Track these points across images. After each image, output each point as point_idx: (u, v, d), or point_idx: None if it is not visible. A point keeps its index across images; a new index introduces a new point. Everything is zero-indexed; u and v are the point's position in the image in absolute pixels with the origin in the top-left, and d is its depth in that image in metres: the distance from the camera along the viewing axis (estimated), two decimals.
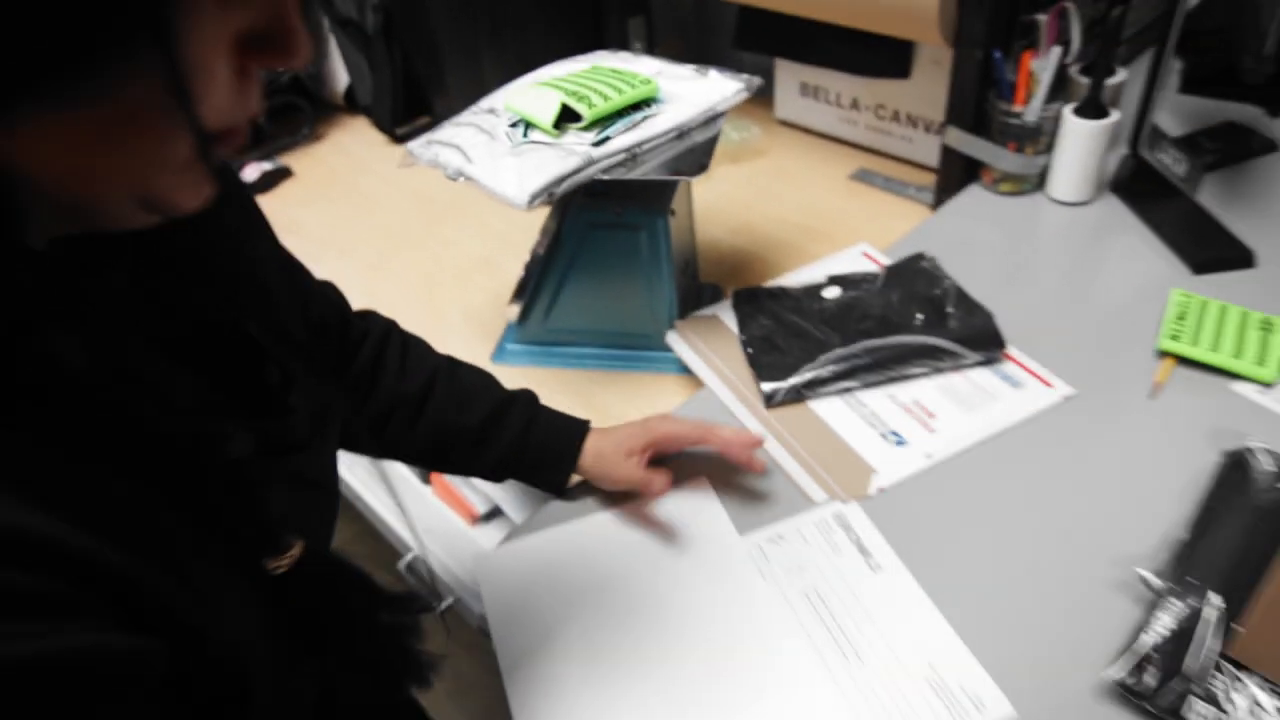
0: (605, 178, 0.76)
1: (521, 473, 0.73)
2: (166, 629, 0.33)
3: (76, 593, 0.30)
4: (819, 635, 0.62)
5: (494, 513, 0.93)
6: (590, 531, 0.73)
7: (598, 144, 0.77)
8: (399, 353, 0.69)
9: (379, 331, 0.70)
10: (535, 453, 0.72)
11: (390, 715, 0.63)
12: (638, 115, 0.79)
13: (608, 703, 0.60)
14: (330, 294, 0.68)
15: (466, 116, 0.85)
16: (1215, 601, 0.56)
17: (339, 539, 0.55)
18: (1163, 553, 0.61)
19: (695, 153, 0.81)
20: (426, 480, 1.04)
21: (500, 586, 0.70)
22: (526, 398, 0.74)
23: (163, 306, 0.40)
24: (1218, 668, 0.54)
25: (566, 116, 0.78)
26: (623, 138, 0.77)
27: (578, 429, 0.73)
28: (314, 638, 0.44)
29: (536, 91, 0.81)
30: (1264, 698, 0.53)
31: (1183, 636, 0.56)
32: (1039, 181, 1.03)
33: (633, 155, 0.77)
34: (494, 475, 0.74)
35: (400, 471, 0.99)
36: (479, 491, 0.96)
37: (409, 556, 0.95)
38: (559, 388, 0.91)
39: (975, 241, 0.99)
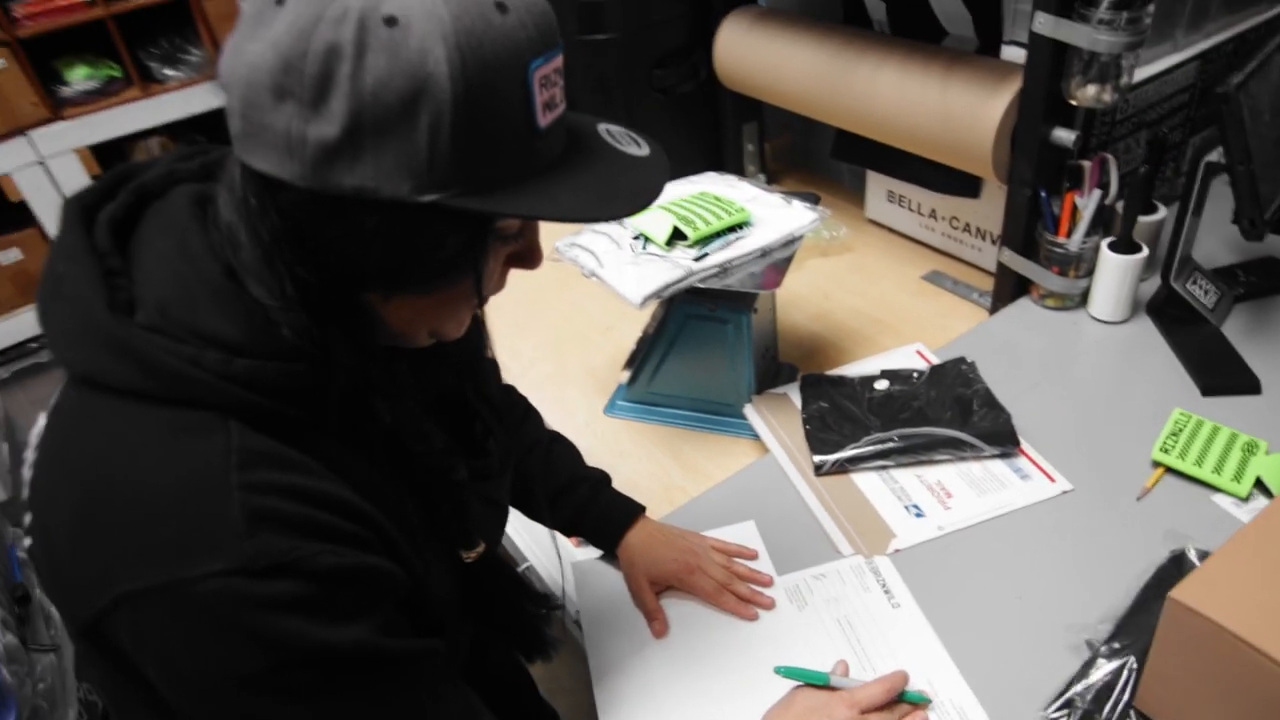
0: (701, 286, 0.98)
1: (583, 534, 0.95)
2: (406, 571, 0.57)
3: (366, 533, 0.54)
4: (845, 653, 0.82)
5: None
6: None
7: (698, 258, 0.99)
8: (519, 420, 0.93)
9: (510, 402, 0.94)
10: (590, 524, 0.93)
11: (515, 680, 0.88)
12: (732, 236, 1.02)
13: (676, 699, 0.81)
14: (497, 367, 0.93)
15: (603, 226, 1.10)
16: (1132, 663, 0.73)
17: None
18: (1105, 624, 0.78)
19: (775, 267, 1.02)
20: None
21: (591, 593, 0.92)
22: (597, 478, 0.94)
23: (425, 383, 0.66)
24: (1129, 716, 0.71)
25: (676, 235, 1.02)
26: (718, 255, 1.00)
27: (625, 519, 0.91)
28: (481, 609, 0.69)
29: (655, 213, 1.05)
30: None
31: (1106, 689, 0.73)
32: (1081, 299, 1.19)
33: (724, 269, 0.99)
34: (563, 530, 0.96)
35: None
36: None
37: (524, 566, 1.19)
38: (656, 440, 1.14)
39: (1017, 347, 1.16)
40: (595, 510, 0.92)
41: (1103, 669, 0.74)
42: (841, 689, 0.74)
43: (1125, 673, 0.73)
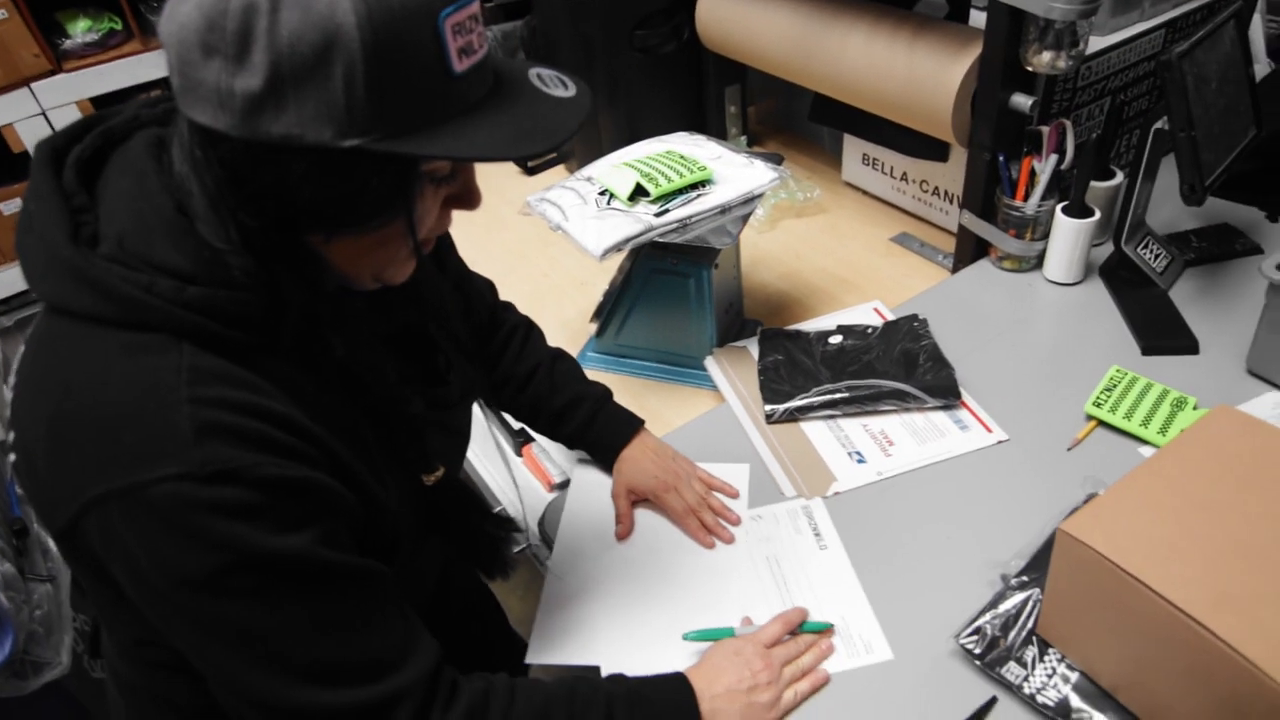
0: (661, 240, 1.03)
1: (585, 448, 1.01)
2: (359, 494, 0.62)
3: (312, 452, 0.59)
4: (769, 586, 0.87)
5: (565, 483, 1.21)
6: None
7: (659, 214, 1.04)
8: (521, 342, 0.99)
9: (511, 324, 1.00)
10: (592, 439, 0.99)
11: (484, 611, 0.95)
12: (693, 193, 1.06)
13: (605, 604, 0.87)
14: (486, 292, 0.98)
15: (571, 181, 1.14)
16: (1037, 595, 0.78)
17: None
18: (1019, 559, 0.83)
19: (733, 223, 1.06)
20: (519, 453, 1.34)
21: (564, 527, 0.98)
22: (599, 393, 1.00)
23: (384, 317, 0.70)
24: (1031, 642, 0.76)
25: (640, 191, 1.06)
26: (678, 210, 1.04)
27: (625, 432, 0.99)
28: (442, 530, 0.75)
29: (620, 169, 1.08)
30: (1059, 667, 0.75)
31: (1013, 618, 0.78)
32: (1037, 262, 1.22)
33: (684, 224, 1.03)
34: (568, 445, 1.02)
35: (504, 447, 1.28)
36: (556, 465, 1.25)
37: (498, 508, 1.24)
38: (622, 389, 1.18)
39: (973, 306, 1.20)
40: (596, 426, 0.98)
41: (1011, 599, 0.79)
42: (745, 635, 0.80)
43: (1030, 603, 0.78)
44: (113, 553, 0.56)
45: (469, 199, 0.63)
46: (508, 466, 1.14)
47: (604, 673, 0.80)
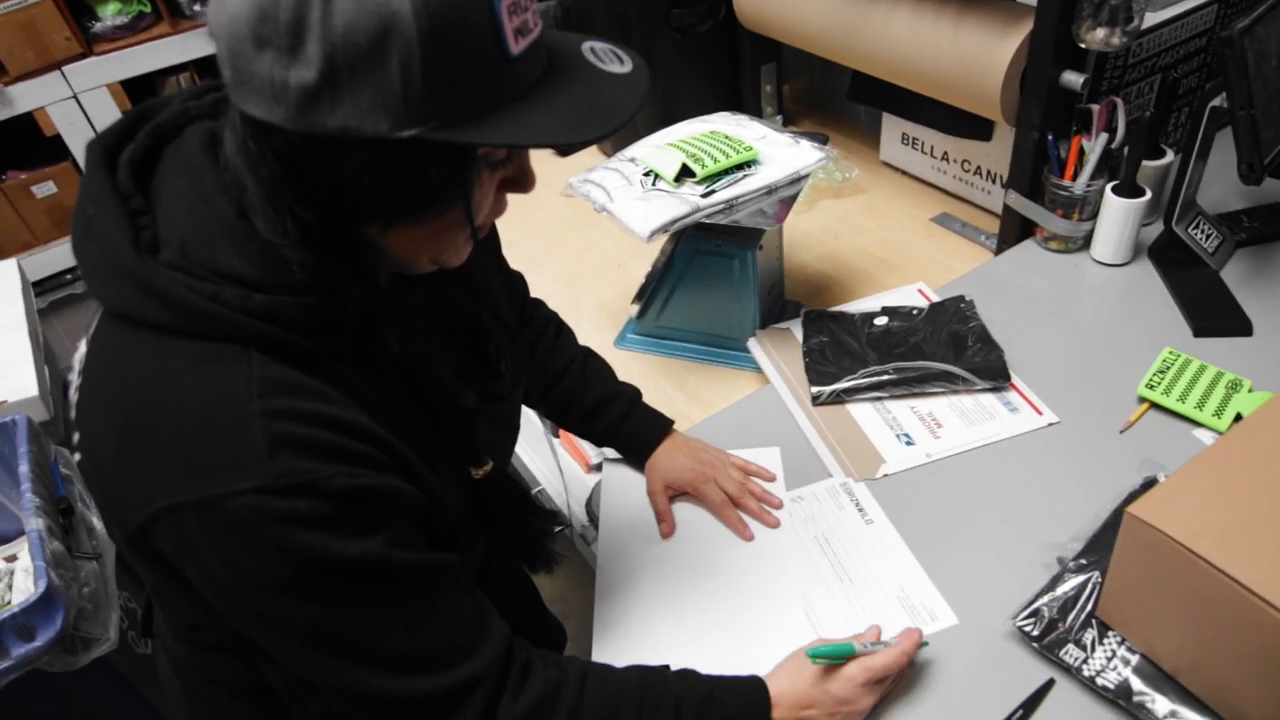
0: (707, 221, 1.02)
1: (616, 446, 1.01)
2: (421, 491, 0.63)
3: (380, 456, 0.59)
4: (823, 566, 0.87)
5: (602, 465, 1.21)
6: None
7: (705, 195, 1.03)
8: (553, 338, 0.98)
9: (542, 319, 0.99)
10: (624, 439, 0.99)
11: (522, 592, 0.95)
12: (739, 174, 1.05)
13: (657, 585, 0.87)
14: (518, 284, 0.97)
15: (614, 162, 1.13)
16: (1096, 578, 0.78)
17: None
18: (1076, 542, 0.82)
19: (782, 204, 1.06)
20: (556, 434, 1.34)
21: (609, 513, 0.98)
22: (631, 394, 0.99)
23: (439, 306, 0.70)
24: (1091, 624, 0.76)
25: (685, 172, 1.05)
26: (725, 191, 1.03)
27: (657, 434, 0.97)
28: (488, 523, 0.75)
29: (665, 150, 1.08)
30: (1119, 649, 0.75)
31: (1071, 601, 0.78)
32: (1084, 242, 1.21)
33: (730, 205, 1.03)
34: (597, 443, 1.02)
35: (539, 427, 1.29)
36: (594, 446, 1.25)
37: (536, 489, 1.25)
38: (663, 371, 1.18)
39: (1019, 287, 1.18)
40: (629, 426, 0.97)
41: (1070, 582, 0.79)
42: (863, 654, 0.74)
43: (1090, 586, 0.78)
44: (186, 558, 0.57)
45: (524, 182, 0.61)
46: (552, 449, 1.14)
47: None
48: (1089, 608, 0.77)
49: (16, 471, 1.31)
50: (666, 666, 0.73)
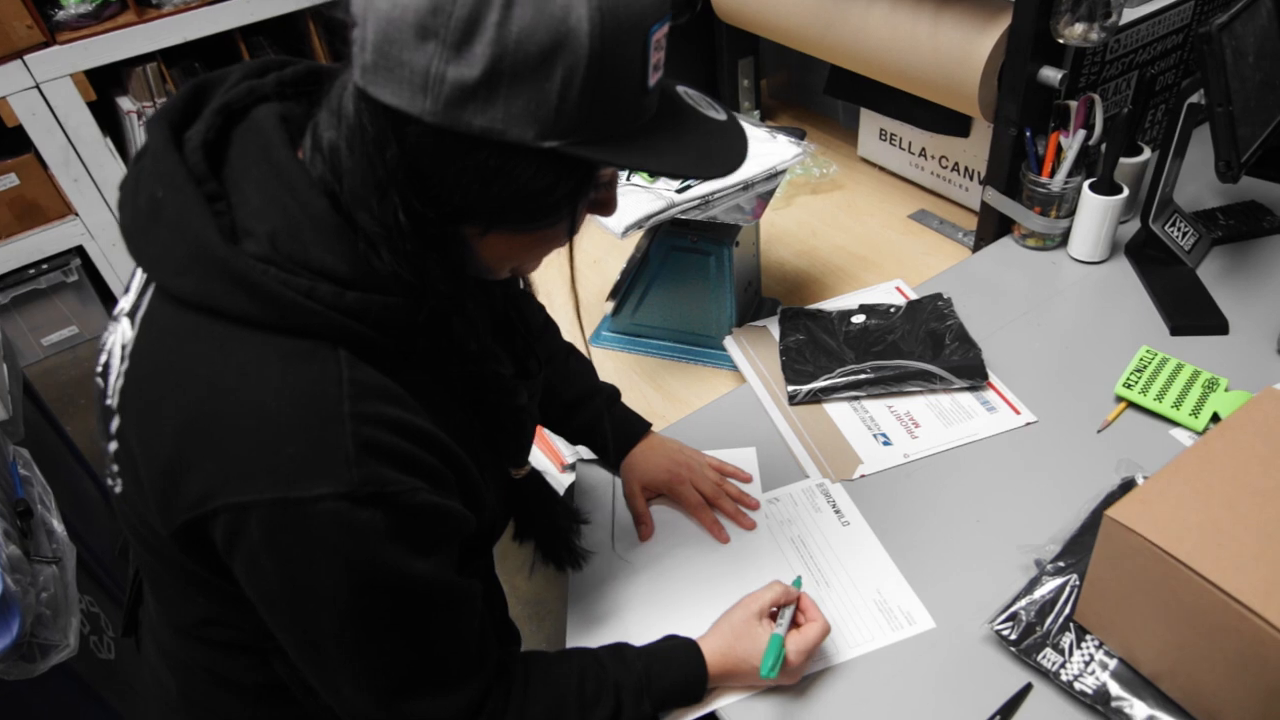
0: (683, 217, 1.00)
1: (591, 445, 0.99)
2: (470, 496, 0.62)
3: (445, 470, 0.58)
4: (799, 568, 0.86)
5: (576, 465, 1.19)
6: None
7: (681, 190, 1.01)
8: (540, 332, 0.96)
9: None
10: (600, 438, 0.97)
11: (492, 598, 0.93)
12: None
13: (633, 586, 0.85)
14: (532, 285, 0.96)
15: None
16: (1074, 581, 0.77)
17: None
18: (1054, 545, 0.81)
19: (758, 200, 1.04)
20: None
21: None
22: (610, 393, 0.98)
23: (489, 305, 0.69)
24: (1068, 628, 0.75)
25: None
26: (700, 187, 1.01)
27: (634, 435, 0.96)
28: (524, 524, 0.76)
29: None
30: (1098, 654, 0.74)
31: (1049, 604, 0.77)
32: (1061, 240, 1.20)
33: (705, 201, 1.01)
34: (572, 440, 1.00)
35: None
36: (569, 445, 1.22)
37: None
38: (639, 369, 1.16)
39: (996, 285, 1.18)
40: (606, 425, 0.96)
41: (1047, 585, 0.78)
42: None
43: (1068, 589, 0.77)
44: (237, 555, 0.55)
45: (609, 204, 0.63)
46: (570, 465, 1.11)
47: None
48: (1067, 611, 0.76)
49: None
50: (604, 647, 0.73)
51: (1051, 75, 1.07)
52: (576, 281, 0.79)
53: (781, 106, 1.74)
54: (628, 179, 1.04)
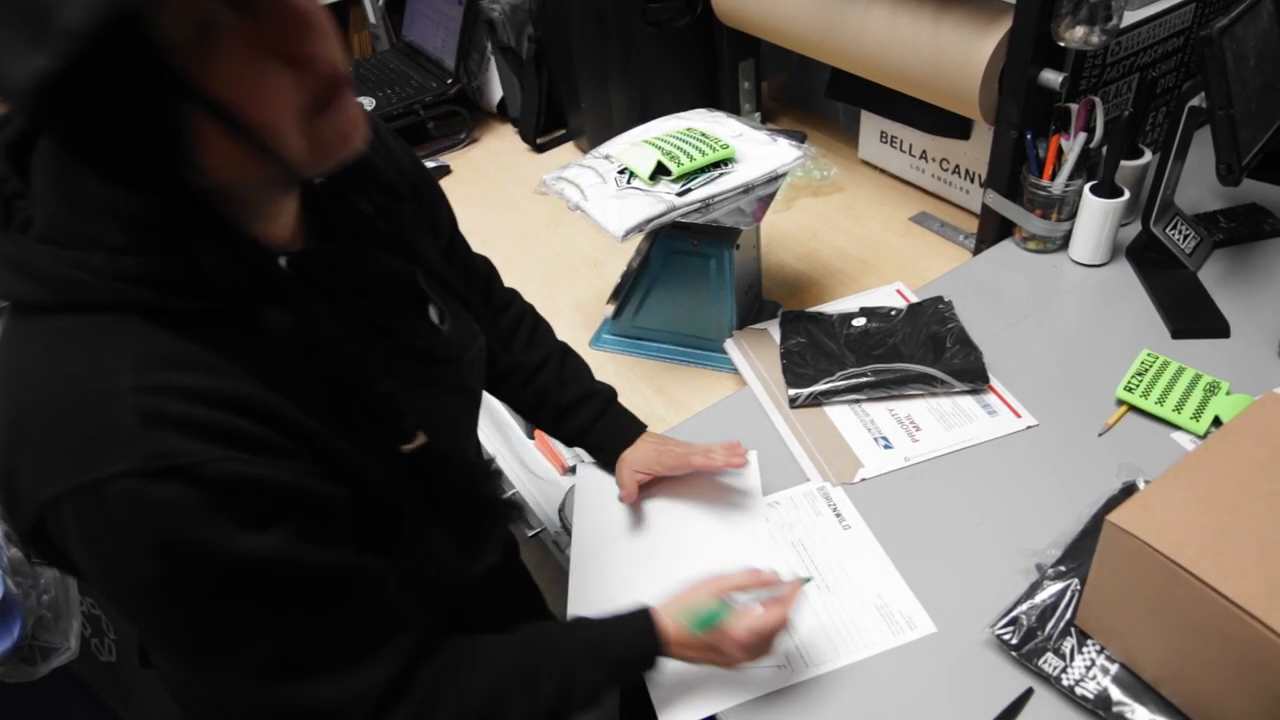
0: (684, 220, 1.00)
1: (587, 447, 0.98)
2: (347, 474, 0.57)
3: (281, 439, 0.52)
4: (800, 572, 0.86)
5: (576, 469, 1.19)
6: None
7: (681, 193, 1.01)
8: (529, 330, 0.96)
9: (519, 309, 0.96)
10: (596, 438, 0.96)
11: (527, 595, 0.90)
12: (715, 172, 1.03)
13: (634, 597, 0.85)
14: (482, 265, 0.94)
15: (589, 159, 1.11)
16: (1075, 585, 0.76)
17: None
18: (1055, 549, 0.81)
19: (759, 203, 1.04)
20: (531, 435, 1.31)
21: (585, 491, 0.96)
22: (606, 394, 0.97)
23: (358, 269, 0.64)
24: (1070, 633, 0.75)
25: (661, 170, 1.03)
26: (701, 190, 1.01)
27: (630, 435, 0.95)
28: (431, 504, 0.67)
29: (641, 147, 1.06)
30: (1099, 658, 0.74)
31: (1050, 608, 0.77)
32: (1062, 242, 1.20)
33: (707, 204, 1.01)
34: (566, 442, 1.00)
35: (514, 430, 1.26)
36: (568, 448, 1.22)
37: (510, 492, 1.22)
38: (639, 372, 1.16)
39: (997, 288, 1.17)
40: (603, 424, 0.95)
41: (1048, 590, 0.78)
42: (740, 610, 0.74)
43: (1069, 594, 0.77)
44: (71, 553, 0.52)
45: (290, 39, 0.48)
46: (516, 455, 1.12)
47: (646, 676, 0.77)
48: (1068, 615, 0.76)
49: None
50: (559, 623, 0.71)
51: (1052, 78, 1.06)
52: (458, 238, 0.76)
53: (782, 109, 1.74)
54: (629, 182, 1.03)
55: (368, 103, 1.68)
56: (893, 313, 1.10)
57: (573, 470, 1.20)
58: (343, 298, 0.62)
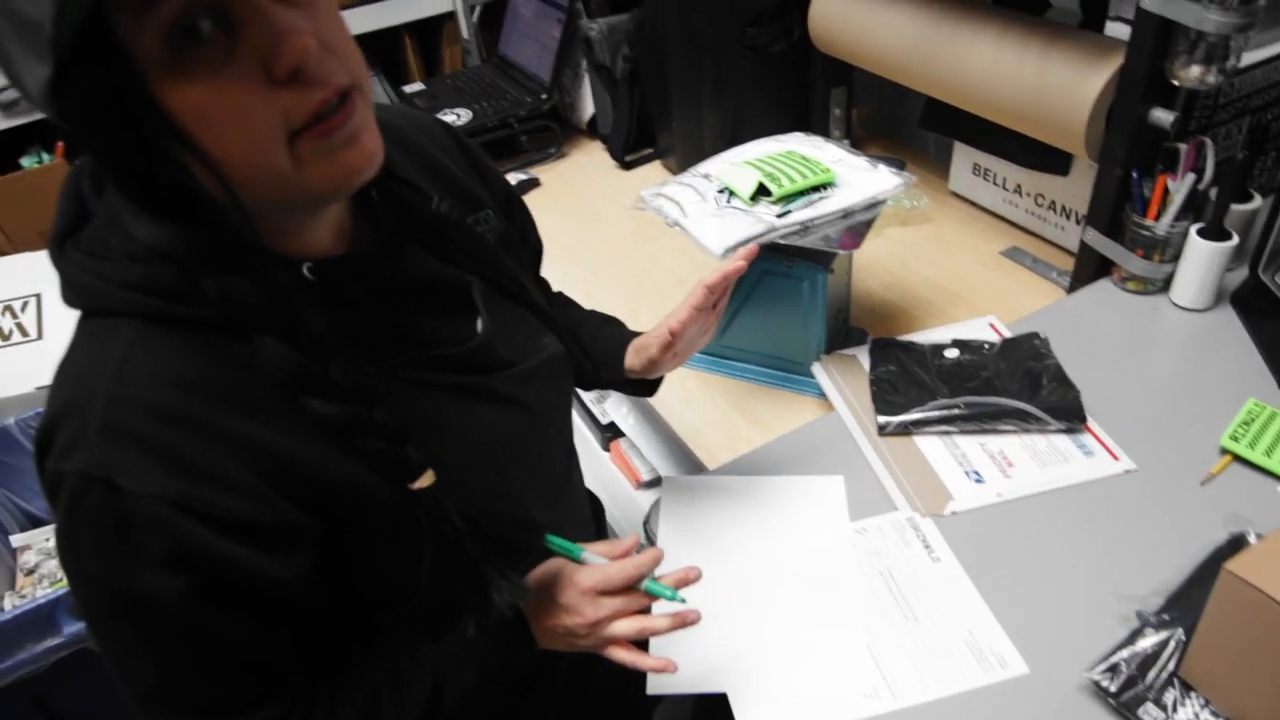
0: (781, 241, 1.01)
1: (597, 365, 0.93)
2: (334, 508, 0.57)
3: (250, 478, 0.53)
4: (887, 602, 0.85)
5: (655, 481, 1.20)
6: (738, 489, 0.98)
7: (781, 215, 1.01)
8: (563, 303, 0.99)
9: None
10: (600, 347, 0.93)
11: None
12: (815, 195, 1.04)
13: (720, 627, 0.85)
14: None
15: (687, 177, 1.12)
16: (1179, 635, 0.74)
17: None
18: (1157, 597, 0.79)
19: (856, 229, 1.04)
20: (606, 448, 1.33)
21: (672, 505, 0.97)
22: (600, 319, 0.97)
23: (409, 272, 0.65)
24: (1173, 684, 0.73)
25: (761, 191, 1.04)
26: (800, 213, 1.02)
27: (624, 340, 0.93)
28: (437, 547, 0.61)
29: (741, 168, 1.07)
30: (1202, 712, 0.71)
31: (1152, 657, 0.75)
32: (1163, 285, 1.17)
33: (805, 227, 1.01)
34: (589, 384, 0.95)
35: (591, 445, 1.28)
36: (645, 461, 1.23)
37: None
38: (723, 391, 1.17)
39: (1093, 327, 1.15)
40: (599, 341, 0.94)
41: (1150, 638, 0.75)
42: (590, 564, 0.70)
43: (1172, 644, 0.75)
44: None
45: (274, 57, 0.47)
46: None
47: (731, 699, 0.78)
48: (1170, 666, 0.74)
49: None
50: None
51: (1163, 117, 1.05)
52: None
53: (870, 137, 1.73)
54: (728, 201, 1.05)
55: (464, 115, 1.73)
56: (986, 346, 1.09)
57: (650, 485, 1.20)
58: (365, 304, 0.62)
